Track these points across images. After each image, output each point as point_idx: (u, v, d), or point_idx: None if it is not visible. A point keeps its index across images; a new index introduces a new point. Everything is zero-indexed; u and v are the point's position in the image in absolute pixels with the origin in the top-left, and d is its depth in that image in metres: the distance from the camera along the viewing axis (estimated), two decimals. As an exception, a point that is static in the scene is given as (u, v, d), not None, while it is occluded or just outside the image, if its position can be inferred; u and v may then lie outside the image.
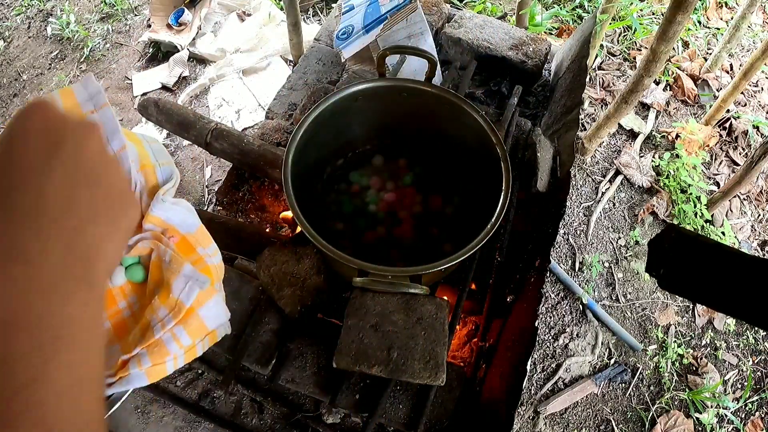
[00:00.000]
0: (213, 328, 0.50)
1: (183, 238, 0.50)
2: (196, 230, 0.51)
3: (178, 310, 0.46)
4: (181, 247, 0.49)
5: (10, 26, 2.32)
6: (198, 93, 2.09)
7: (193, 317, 0.47)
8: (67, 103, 0.48)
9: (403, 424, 0.81)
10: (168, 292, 0.46)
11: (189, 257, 0.50)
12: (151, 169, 0.49)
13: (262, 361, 0.83)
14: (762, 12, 2.44)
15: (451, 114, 0.88)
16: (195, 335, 0.48)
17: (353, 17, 1.10)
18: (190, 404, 0.90)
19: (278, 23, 2.19)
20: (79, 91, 0.48)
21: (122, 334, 0.48)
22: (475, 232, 0.74)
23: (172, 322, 0.45)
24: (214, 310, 0.49)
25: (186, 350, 0.47)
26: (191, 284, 0.46)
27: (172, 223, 0.49)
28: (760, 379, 1.62)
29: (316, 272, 0.85)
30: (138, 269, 0.49)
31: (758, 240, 1.86)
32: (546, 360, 1.57)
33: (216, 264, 0.52)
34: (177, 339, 0.46)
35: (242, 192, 1.12)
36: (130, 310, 0.49)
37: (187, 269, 0.47)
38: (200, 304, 0.48)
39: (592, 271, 1.72)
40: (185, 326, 0.47)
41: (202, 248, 0.51)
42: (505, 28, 1.28)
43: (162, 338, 0.45)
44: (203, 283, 0.47)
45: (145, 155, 0.50)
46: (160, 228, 0.48)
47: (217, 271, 0.52)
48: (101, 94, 0.48)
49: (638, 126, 2.01)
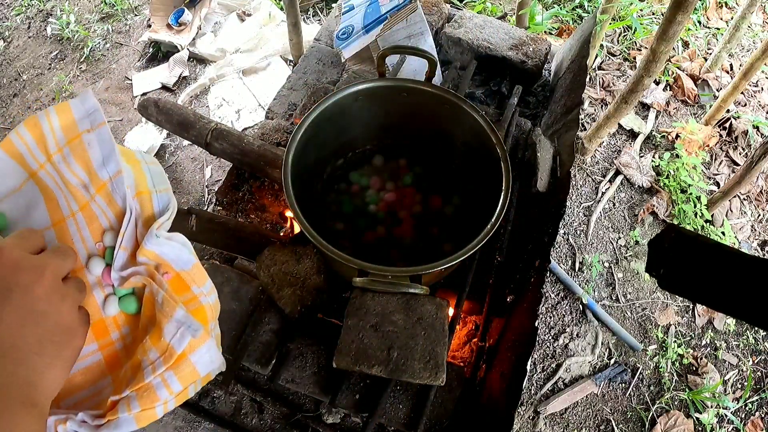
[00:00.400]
0: (205, 374, 0.48)
1: (177, 275, 0.48)
2: (191, 267, 0.49)
3: (169, 356, 0.45)
4: (175, 284, 0.48)
5: (10, 26, 2.32)
6: (198, 93, 2.09)
7: (184, 363, 0.46)
8: (63, 120, 0.47)
9: (403, 424, 0.81)
10: (160, 334, 0.45)
11: (183, 296, 0.48)
12: (147, 196, 0.48)
13: (262, 361, 0.83)
14: (762, 12, 2.44)
15: (451, 114, 0.88)
16: (186, 381, 0.46)
17: (353, 17, 1.10)
18: (190, 404, 0.90)
19: (278, 23, 2.19)
20: (77, 107, 0.47)
21: (114, 367, 0.47)
22: (475, 232, 0.74)
23: (162, 367, 0.44)
24: (206, 356, 0.47)
25: (176, 395, 0.46)
26: (183, 330, 0.45)
27: (166, 259, 0.47)
28: (760, 379, 1.62)
29: (316, 272, 0.85)
30: (131, 300, 0.48)
31: (758, 240, 1.86)
32: (546, 360, 1.57)
33: (211, 303, 0.51)
34: (167, 385, 0.45)
35: (242, 192, 1.12)
36: (122, 342, 0.48)
37: (180, 314, 0.45)
38: (192, 350, 0.46)
39: (592, 271, 1.72)
40: (176, 372, 0.45)
41: (197, 287, 0.50)
42: (505, 28, 1.28)
43: (152, 383, 0.44)
44: (195, 330, 0.45)
45: (142, 180, 0.49)
46: (153, 262, 0.47)
47: (212, 311, 0.51)
48: (98, 112, 0.47)
49: (638, 126, 2.01)
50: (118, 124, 2.02)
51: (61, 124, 0.47)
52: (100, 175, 0.47)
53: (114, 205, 0.47)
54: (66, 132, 0.47)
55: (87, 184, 0.47)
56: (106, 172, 0.47)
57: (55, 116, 0.47)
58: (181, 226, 0.90)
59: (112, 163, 0.47)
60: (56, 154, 0.47)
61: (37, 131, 0.47)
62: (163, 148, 1.95)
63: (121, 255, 0.47)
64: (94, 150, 0.47)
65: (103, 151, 0.47)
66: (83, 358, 0.47)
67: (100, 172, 0.47)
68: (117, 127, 2.01)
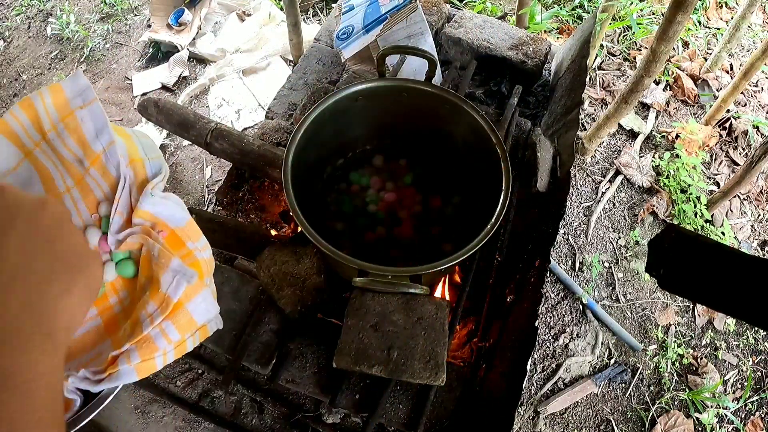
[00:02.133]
0: (202, 323, 0.49)
1: (172, 233, 0.49)
2: (185, 224, 0.50)
3: (166, 305, 0.45)
4: (171, 241, 0.49)
5: (10, 26, 2.32)
6: (198, 93, 2.09)
7: (181, 312, 0.47)
8: (56, 99, 0.48)
9: (403, 424, 0.81)
10: (157, 287, 0.46)
11: (178, 251, 0.49)
12: (140, 163, 0.49)
13: (262, 361, 0.83)
14: (762, 12, 2.44)
15: (451, 114, 0.88)
16: (184, 330, 0.47)
17: (353, 17, 1.10)
18: (190, 404, 0.90)
19: (278, 23, 2.19)
20: (68, 86, 0.49)
21: (113, 330, 0.48)
22: (475, 232, 0.74)
23: (160, 317, 0.45)
24: (202, 305, 0.48)
25: (175, 345, 0.47)
26: (179, 278, 0.46)
27: (161, 218, 0.49)
28: (760, 379, 1.62)
29: (316, 272, 0.85)
30: (128, 264, 0.49)
31: (758, 240, 1.86)
32: (546, 360, 1.57)
33: (206, 258, 0.52)
34: (165, 334, 0.46)
35: (242, 192, 1.12)
36: (120, 305, 0.49)
37: (175, 263, 0.46)
38: (188, 298, 0.47)
39: (592, 271, 1.72)
40: (173, 321, 0.46)
41: (192, 242, 0.51)
42: (505, 28, 1.28)
43: (150, 333, 0.45)
44: (190, 277, 0.46)
45: (135, 150, 0.50)
46: (149, 222, 0.48)
47: (206, 266, 0.52)
48: (90, 90, 0.49)
49: (638, 126, 2.01)
50: (118, 124, 2.01)
51: (54, 103, 0.48)
52: (93, 147, 0.48)
53: (108, 175, 0.49)
54: (59, 110, 0.48)
55: (81, 158, 0.49)
56: (100, 144, 0.48)
57: (48, 96, 0.48)
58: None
59: (105, 134, 0.48)
60: (51, 131, 0.49)
61: (31, 111, 0.48)
62: (163, 148, 1.95)
63: (116, 220, 0.48)
64: (87, 124, 0.48)
65: (95, 125, 0.48)
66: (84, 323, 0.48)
67: (93, 144, 0.48)
68: (117, 127, 2.01)
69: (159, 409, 0.89)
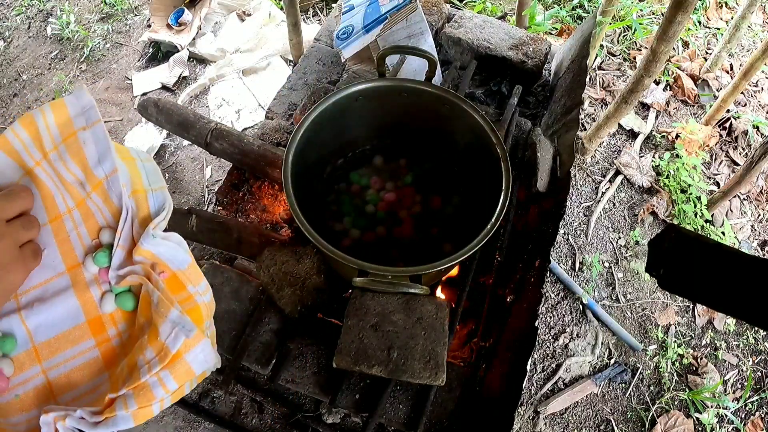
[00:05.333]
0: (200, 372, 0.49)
1: (173, 275, 0.49)
2: (186, 267, 0.50)
3: (165, 355, 0.45)
4: (171, 283, 0.49)
5: (10, 26, 2.32)
6: (198, 93, 2.08)
7: (179, 362, 0.46)
8: (59, 118, 0.47)
9: (403, 424, 0.81)
10: (156, 335, 0.46)
11: (178, 295, 0.49)
12: (143, 195, 0.49)
13: (262, 361, 0.83)
14: (762, 12, 2.44)
15: (451, 114, 0.88)
16: (181, 380, 0.47)
17: (353, 17, 1.10)
18: (190, 404, 0.90)
19: (278, 23, 2.19)
20: (72, 104, 0.47)
21: (111, 364, 0.48)
22: (475, 232, 0.74)
23: (158, 366, 0.45)
24: (201, 356, 0.48)
25: (172, 393, 0.47)
26: (177, 331, 0.45)
27: (162, 259, 0.48)
28: (760, 379, 1.62)
29: (316, 272, 0.85)
30: (128, 297, 0.48)
31: (758, 240, 1.86)
32: (546, 360, 1.57)
33: (206, 302, 0.52)
34: (163, 384, 0.45)
35: (242, 192, 1.12)
36: (119, 338, 0.49)
37: (174, 315, 0.46)
38: (187, 349, 0.47)
39: (592, 271, 1.72)
40: (171, 371, 0.46)
41: (193, 286, 0.50)
42: (505, 28, 1.28)
43: (148, 381, 0.45)
44: (189, 331, 0.46)
45: (138, 178, 0.49)
46: (150, 261, 0.48)
47: (207, 310, 0.51)
48: (93, 109, 0.47)
49: (638, 126, 2.01)
50: (118, 124, 2.02)
51: (56, 122, 0.47)
52: (95, 173, 0.47)
53: (110, 203, 0.48)
54: (62, 129, 0.47)
55: (83, 182, 0.48)
56: (102, 171, 0.47)
57: (50, 113, 0.47)
58: (181, 226, 0.90)
59: (108, 161, 0.47)
60: (52, 152, 0.47)
61: (32, 129, 0.47)
62: (163, 148, 1.95)
63: (118, 254, 0.47)
64: (90, 148, 0.47)
65: (98, 149, 0.47)
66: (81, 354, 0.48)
67: (95, 170, 0.47)
68: (117, 127, 2.01)
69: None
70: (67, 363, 0.48)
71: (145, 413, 0.45)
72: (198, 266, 0.51)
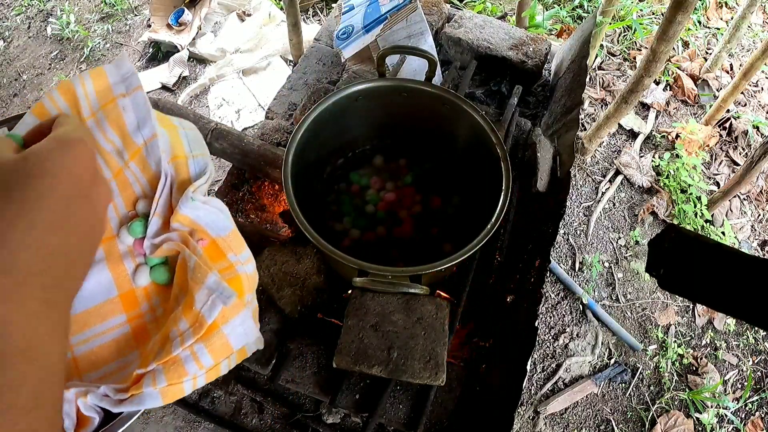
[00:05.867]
0: (239, 347, 0.45)
1: (213, 242, 0.45)
2: (227, 234, 0.46)
3: (200, 326, 0.41)
4: (211, 251, 0.45)
5: (10, 26, 2.32)
6: (198, 93, 2.08)
7: (216, 335, 0.42)
8: (98, 85, 0.45)
9: (403, 424, 0.81)
10: (191, 303, 0.42)
11: (218, 264, 0.45)
12: (183, 161, 0.46)
13: (262, 361, 0.83)
14: (762, 12, 2.44)
15: (451, 114, 0.88)
16: (218, 355, 0.43)
17: (353, 17, 1.10)
18: (190, 404, 0.90)
19: (278, 23, 2.19)
20: (112, 72, 0.45)
21: (143, 341, 0.44)
22: (475, 232, 0.74)
23: (192, 338, 0.41)
24: (240, 329, 0.44)
25: (207, 370, 0.43)
26: (214, 298, 0.41)
27: (201, 224, 0.45)
28: (760, 379, 1.62)
29: (316, 272, 0.85)
30: (163, 270, 0.45)
31: (758, 240, 1.86)
32: (546, 360, 1.57)
33: (249, 273, 0.47)
34: (197, 358, 0.41)
35: (242, 192, 1.12)
36: (152, 314, 0.45)
37: (211, 281, 0.42)
38: (225, 320, 0.43)
39: (592, 271, 1.72)
40: (207, 344, 0.42)
41: (234, 255, 0.46)
42: (505, 28, 1.28)
43: (180, 356, 0.41)
44: (228, 297, 0.42)
45: (179, 144, 0.46)
46: (188, 228, 0.44)
47: (249, 281, 0.47)
48: (134, 76, 0.45)
49: (638, 126, 2.01)
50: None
51: (95, 89, 0.45)
52: (134, 139, 0.45)
53: (148, 170, 0.45)
54: (100, 97, 0.45)
55: (121, 150, 0.45)
56: (141, 137, 0.45)
57: (89, 81, 0.45)
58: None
59: (147, 126, 0.44)
60: (89, 119, 0.45)
61: (70, 96, 0.44)
62: (163, 148, 1.95)
63: (154, 222, 0.44)
64: (129, 114, 0.45)
65: (138, 115, 0.45)
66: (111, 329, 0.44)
67: (134, 136, 0.45)
68: (117, 127, 2.01)
69: (159, 409, 0.89)
70: (96, 339, 0.44)
71: (174, 391, 0.41)
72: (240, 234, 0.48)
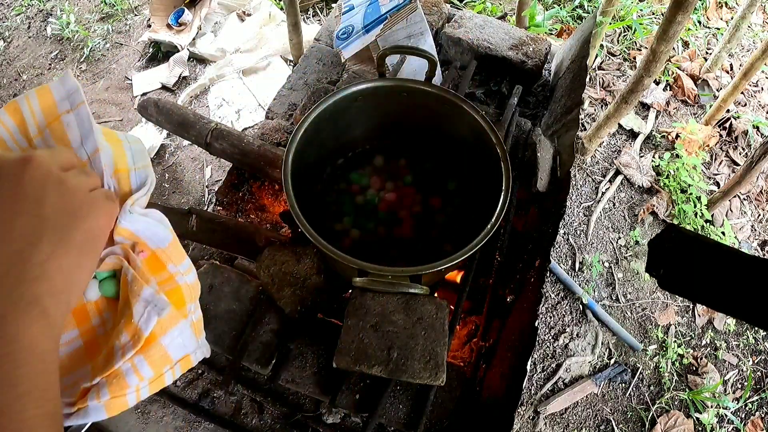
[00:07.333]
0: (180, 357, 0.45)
1: (153, 254, 0.46)
2: (167, 245, 0.47)
3: (138, 338, 0.42)
4: (151, 263, 0.46)
5: (10, 26, 2.32)
6: (198, 93, 2.09)
7: (154, 347, 0.43)
8: (43, 102, 0.46)
9: (403, 424, 0.81)
10: (131, 317, 0.42)
11: (159, 275, 0.46)
12: (125, 174, 0.46)
13: (262, 361, 0.83)
14: (762, 12, 2.44)
15: (451, 114, 0.88)
16: (158, 366, 0.44)
17: (353, 17, 1.10)
18: (190, 404, 0.90)
19: (278, 23, 2.19)
20: (57, 89, 0.46)
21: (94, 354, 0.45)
22: (475, 232, 0.74)
23: (131, 351, 0.42)
24: (179, 340, 0.44)
25: (150, 382, 0.44)
26: (150, 310, 0.42)
27: (141, 236, 0.45)
28: (760, 379, 1.62)
29: (316, 272, 0.85)
30: (111, 283, 0.46)
31: (758, 240, 1.86)
32: (546, 360, 1.57)
33: (189, 283, 0.48)
34: (137, 370, 0.42)
35: (242, 192, 1.12)
36: (103, 328, 0.46)
37: (147, 293, 0.43)
38: (163, 331, 0.43)
39: (592, 271, 1.72)
40: (146, 356, 0.43)
41: (174, 265, 0.47)
42: (505, 28, 1.28)
43: (122, 368, 0.42)
44: (162, 309, 0.42)
45: (122, 158, 0.47)
46: (129, 241, 0.45)
47: (190, 291, 0.48)
48: (78, 92, 0.46)
49: (638, 126, 2.01)
50: (118, 124, 2.02)
51: (41, 107, 0.46)
52: (79, 154, 0.46)
53: None
54: (46, 114, 0.46)
55: None
56: (85, 152, 0.45)
57: (35, 99, 0.46)
58: (181, 226, 0.90)
59: (90, 141, 0.45)
60: (37, 137, 0.46)
61: (17, 116, 0.45)
62: (163, 148, 1.95)
63: None
64: (73, 130, 0.46)
65: (81, 131, 0.45)
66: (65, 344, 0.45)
67: (78, 151, 0.46)
68: (117, 127, 2.01)
69: (159, 409, 0.89)
70: None
71: (118, 404, 0.42)
72: (181, 244, 0.48)
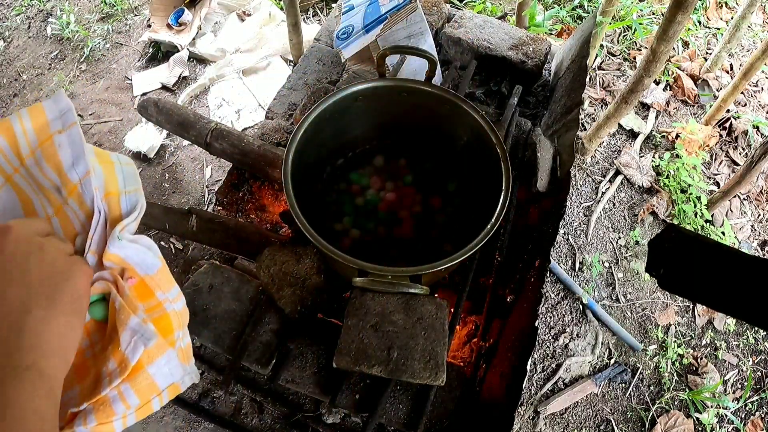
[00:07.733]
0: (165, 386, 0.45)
1: (141, 281, 0.46)
2: (155, 272, 0.47)
3: (125, 367, 0.42)
4: (139, 290, 0.46)
5: (10, 26, 2.32)
6: (198, 93, 2.08)
7: (141, 375, 0.43)
8: (36, 122, 0.46)
9: (403, 424, 0.81)
10: (118, 344, 0.43)
11: (147, 302, 0.46)
12: (115, 198, 0.46)
13: (262, 361, 0.83)
14: (762, 12, 2.44)
15: (451, 114, 0.88)
16: (144, 395, 0.44)
17: (353, 17, 1.10)
18: (190, 404, 0.90)
19: (278, 23, 2.19)
20: (50, 108, 0.46)
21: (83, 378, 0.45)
22: (475, 232, 0.74)
23: (118, 378, 0.42)
24: (166, 368, 0.45)
25: (136, 409, 0.44)
26: (136, 340, 0.42)
27: (130, 263, 0.45)
28: (760, 379, 1.62)
29: (316, 272, 0.85)
30: (100, 307, 0.45)
31: (758, 240, 1.86)
32: (546, 360, 1.57)
33: (178, 310, 0.48)
34: (124, 399, 0.42)
35: (242, 192, 1.12)
36: (92, 350, 0.46)
37: (134, 323, 0.43)
38: (150, 360, 0.43)
39: (592, 271, 1.72)
40: (132, 385, 0.43)
41: (162, 293, 0.47)
42: (505, 28, 1.28)
43: (109, 395, 0.42)
44: (148, 339, 0.43)
45: (113, 181, 0.47)
46: (118, 267, 0.45)
47: (178, 319, 0.48)
48: (70, 112, 0.46)
49: (638, 126, 2.01)
50: (118, 124, 2.02)
51: (33, 126, 0.46)
52: (70, 176, 0.46)
53: (84, 207, 0.46)
54: (38, 133, 0.46)
55: (59, 187, 0.46)
56: (76, 174, 0.46)
57: (27, 118, 0.46)
58: (181, 226, 0.90)
59: (81, 163, 0.45)
60: (29, 158, 0.46)
61: (9, 134, 0.46)
62: (163, 148, 1.95)
63: (89, 259, 0.45)
64: (65, 151, 0.46)
65: (73, 152, 0.46)
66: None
67: (70, 173, 0.46)
68: (117, 127, 2.01)
69: (159, 409, 0.89)
70: None
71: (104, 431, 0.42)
72: (169, 271, 0.49)
